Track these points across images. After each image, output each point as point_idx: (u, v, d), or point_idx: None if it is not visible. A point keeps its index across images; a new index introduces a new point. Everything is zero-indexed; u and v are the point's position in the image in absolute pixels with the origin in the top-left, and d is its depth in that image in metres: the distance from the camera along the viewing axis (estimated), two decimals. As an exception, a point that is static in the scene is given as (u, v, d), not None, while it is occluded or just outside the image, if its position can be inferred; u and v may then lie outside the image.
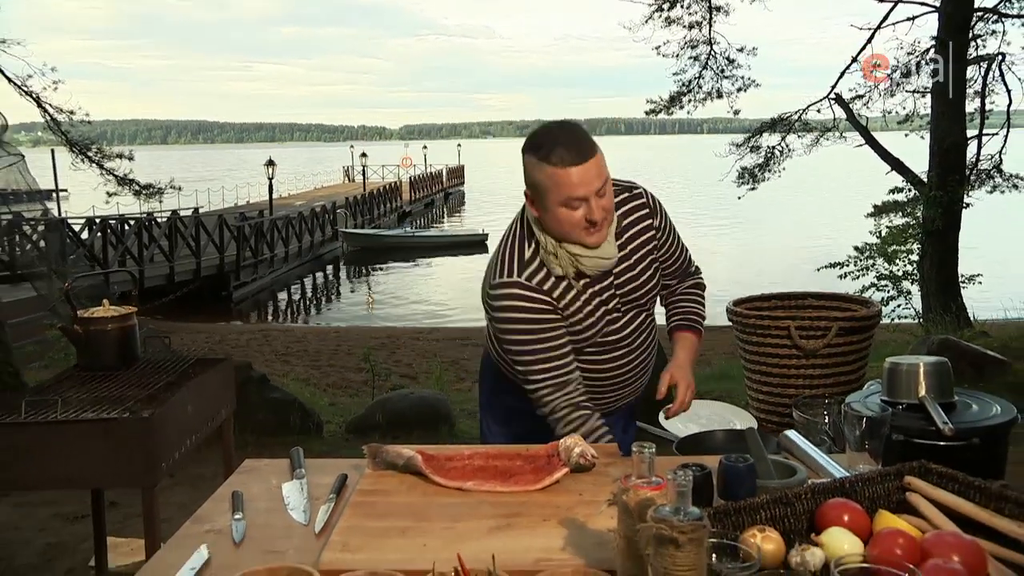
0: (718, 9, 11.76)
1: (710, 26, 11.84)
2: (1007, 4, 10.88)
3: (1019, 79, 10.90)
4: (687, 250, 2.31)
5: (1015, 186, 10.91)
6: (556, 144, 1.94)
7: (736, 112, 12.43)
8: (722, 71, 12.04)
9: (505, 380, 2.24)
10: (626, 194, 2.14)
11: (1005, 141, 10.86)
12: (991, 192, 10.94)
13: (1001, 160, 10.86)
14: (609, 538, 1.31)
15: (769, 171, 11.87)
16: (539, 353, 2.03)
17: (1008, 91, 10.93)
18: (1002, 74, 10.91)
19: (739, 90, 12.08)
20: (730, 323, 4.65)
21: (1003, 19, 10.90)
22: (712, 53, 11.97)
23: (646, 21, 11.83)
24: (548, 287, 2.04)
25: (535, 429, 2.05)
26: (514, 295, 2.02)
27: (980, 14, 10.42)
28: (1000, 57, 10.79)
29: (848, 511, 1.40)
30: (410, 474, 1.72)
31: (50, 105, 9.40)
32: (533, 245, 2.04)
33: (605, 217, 1.97)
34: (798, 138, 11.76)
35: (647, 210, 2.15)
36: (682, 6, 11.74)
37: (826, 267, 9.24)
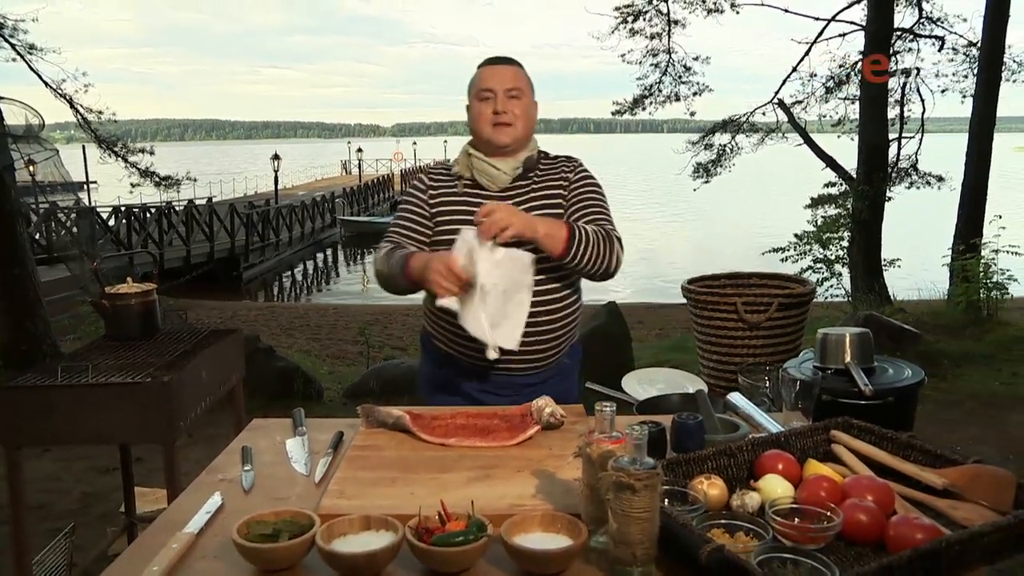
0: (676, 22, 11.78)
1: (669, 37, 11.86)
2: (921, 25, 11.02)
3: (931, 91, 11.12)
4: (607, 219, 2.02)
5: (928, 183, 11.08)
6: (488, 57, 2.10)
7: (692, 113, 12.47)
8: (680, 77, 12.07)
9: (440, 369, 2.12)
10: (563, 158, 2.12)
11: (920, 144, 11.04)
12: (909, 187, 11.10)
13: (917, 160, 11.05)
14: (575, 486, 1.32)
15: (721, 166, 11.93)
16: (394, 221, 2.08)
17: (922, 100, 11.15)
18: (917, 86, 11.09)
19: (695, 94, 12.14)
20: (685, 300, 4.68)
21: (918, 39, 11.07)
22: (671, 61, 11.99)
23: (612, 32, 11.83)
24: (436, 176, 2.10)
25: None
26: (413, 178, 2.20)
27: (899, 33, 10.52)
28: (916, 71, 10.95)
29: (782, 461, 1.42)
30: (399, 432, 1.72)
31: (81, 106, 9.32)
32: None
33: (513, 121, 1.99)
34: (746, 137, 11.83)
35: (569, 170, 2.07)
36: (644, 19, 11.72)
37: (769, 252, 9.29)
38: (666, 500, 1.27)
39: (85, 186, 20.08)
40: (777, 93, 11.37)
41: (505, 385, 2.02)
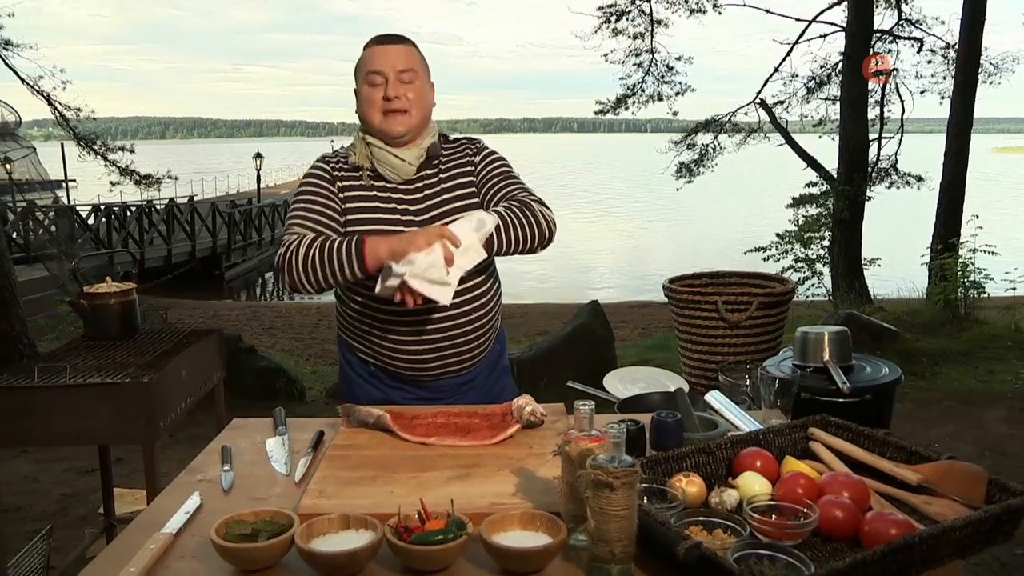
0: (659, 22, 11.82)
1: (652, 37, 11.91)
2: (900, 27, 11.15)
3: (910, 91, 11.25)
4: (521, 187, 1.91)
5: (908, 183, 11.21)
6: (375, 36, 1.89)
7: (675, 113, 12.54)
8: (662, 77, 12.13)
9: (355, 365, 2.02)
10: (464, 140, 2.00)
11: (900, 144, 11.16)
12: (889, 187, 11.22)
13: (897, 160, 11.18)
14: (554, 484, 1.32)
15: (703, 166, 12.00)
16: (299, 210, 1.86)
17: (902, 101, 11.28)
18: (897, 87, 11.21)
19: (677, 94, 12.20)
20: (666, 299, 4.70)
21: (897, 40, 11.20)
22: (654, 61, 12.04)
23: (595, 31, 11.87)
24: (336, 166, 1.91)
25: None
26: (310, 167, 1.95)
27: (879, 35, 10.64)
28: (895, 72, 11.06)
29: (760, 458, 1.44)
30: (379, 431, 1.72)
31: (59, 103, 9.23)
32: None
33: (407, 107, 1.82)
34: (728, 137, 11.91)
35: (473, 151, 1.96)
36: (627, 19, 11.76)
37: (751, 251, 9.36)
38: (645, 498, 1.28)
39: (64, 184, 19.89)
40: (759, 93, 11.47)
41: (442, 388, 1.96)
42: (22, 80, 8.68)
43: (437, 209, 1.88)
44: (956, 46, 9.33)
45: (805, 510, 1.23)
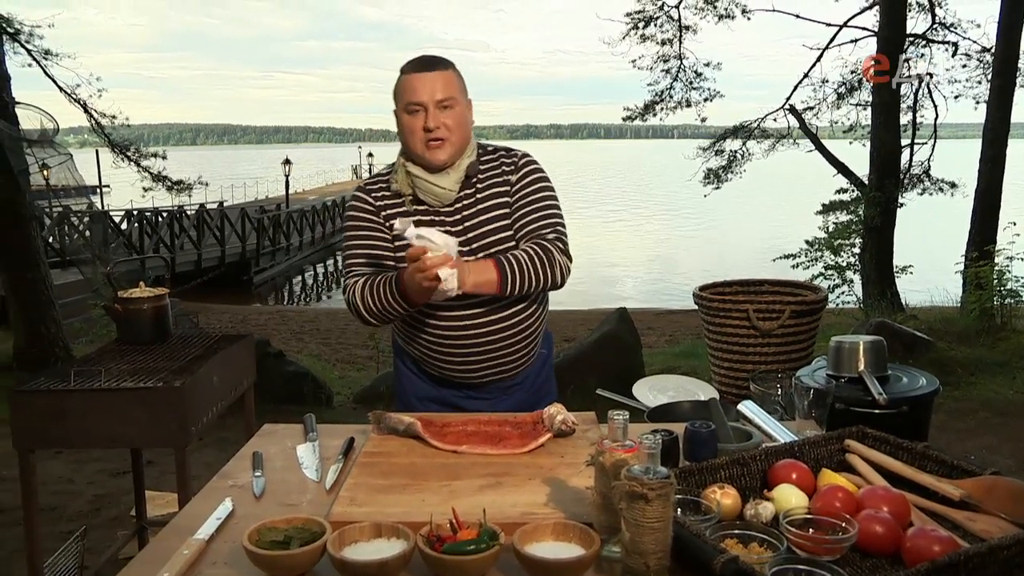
0: (687, 28, 11.76)
1: (680, 43, 11.84)
2: (934, 31, 10.98)
3: (944, 96, 11.08)
4: (551, 224, 1.93)
5: (941, 189, 11.03)
6: (412, 59, 1.91)
7: (703, 119, 12.46)
8: (691, 83, 12.05)
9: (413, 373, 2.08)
10: (501, 151, 2.00)
11: (933, 150, 10.99)
12: (921, 194, 11.05)
13: (929, 166, 11.00)
14: (587, 495, 1.31)
15: (732, 172, 11.90)
16: (352, 248, 1.94)
17: (935, 106, 11.10)
18: (930, 92, 11.07)
19: (706, 100, 12.11)
20: (696, 306, 4.67)
21: (930, 44, 11.03)
22: (682, 67, 11.97)
23: (623, 38, 11.82)
24: (379, 196, 1.95)
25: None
26: (352, 198, 2.01)
27: (911, 39, 10.48)
28: (928, 77, 10.91)
29: (796, 470, 1.41)
30: (410, 438, 1.71)
31: (95, 111, 9.39)
32: (392, 165, 1.98)
33: (447, 136, 1.85)
34: (757, 143, 11.80)
35: (510, 168, 1.96)
36: (655, 25, 11.72)
37: (781, 258, 9.26)
38: (679, 510, 1.26)
39: (98, 190, 20.24)
40: (788, 99, 11.34)
41: (490, 390, 2.02)
42: (60, 89, 8.87)
43: (474, 231, 1.91)
44: (992, 49, 9.16)
45: (844, 524, 1.21)
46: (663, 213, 35.75)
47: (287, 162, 27.87)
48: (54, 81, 8.72)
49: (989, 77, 9.38)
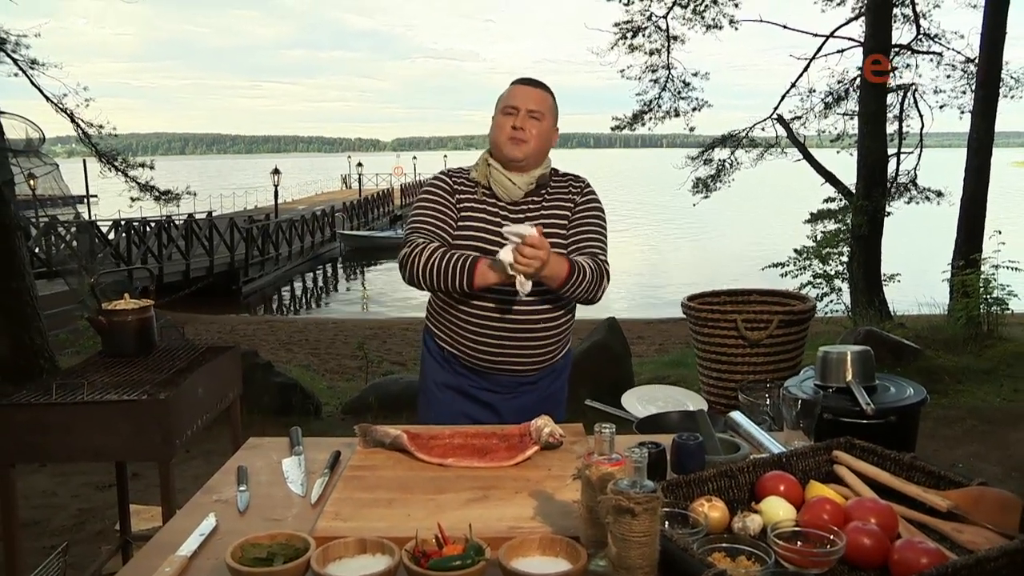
0: (675, 38, 11.82)
1: (668, 53, 11.90)
2: (919, 42, 11.09)
3: (929, 106, 11.18)
4: (601, 247, 2.14)
5: (927, 198, 11.12)
6: (523, 77, 2.20)
7: (691, 129, 12.51)
8: (679, 92, 12.11)
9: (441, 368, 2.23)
10: (572, 177, 2.22)
11: (919, 159, 11.08)
12: (908, 203, 11.13)
13: (916, 175, 11.09)
14: (574, 508, 1.30)
15: (720, 181, 11.96)
16: (422, 213, 2.12)
17: (920, 116, 11.22)
18: (915, 101, 11.16)
19: (694, 109, 12.17)
20: (684, 316, 4.67)
21: (915, 55, 11.14)
22: (670, 77, 12.03)
23: (612, 48, 11.87)
24: (458, 180, 2.17)
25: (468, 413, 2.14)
26: (434, 177, 2.22)
27: (897, 50, 10.58)
28: (914, 87, 11.01)
29: (784, 482, 1.41)
30: (396, 451, 1.70)
31: (82, 120, 9.35)
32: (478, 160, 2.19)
33: (528, 139, 2.07)
34: (745, 153, 11.86)
35: (577, 191, 2.18)
36: (643, 35, 11.78)
37: (769, 267, 9.29)
38: (666, 523, 1.26)
39: (85, 200, 20.12)
40: (776, 108, 11.43)
41: (504, 383, 2.15)
42: (47, 98, 8.82)
43: (536, 223, 2.03)
44: (976, 60, 9.25)
45: (831, 537, 1.20)
46: (652, 222, 35.86)
47: (276, 171, 27.79)
48: (40, 91, 8.68)
49: (973, 87, 9.48)
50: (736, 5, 11.45)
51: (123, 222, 18.21)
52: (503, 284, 1.94)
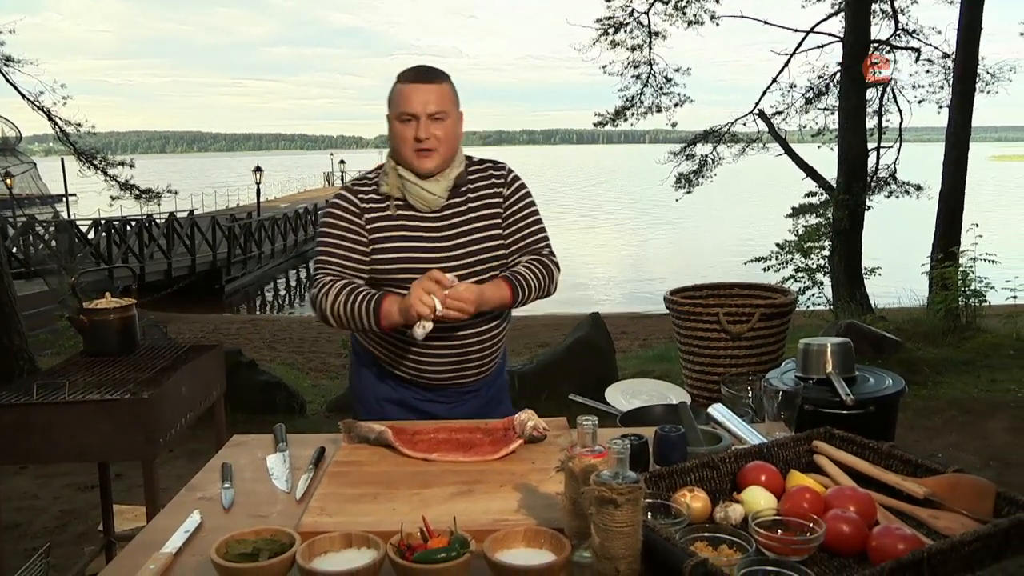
0: (657, 34, 11.87)
1: (650, 49, 11.95)
2: (897, 37, 11.20)
3: (908, 101, 11.30)
4: (544, 238, 2.06)
5: (907, 192, 11.23)
6: (410, 68, 1.94)
7: (674, 124, 12.56)
8: (661, 88, 12.15)
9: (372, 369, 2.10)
10: (488, 164, 2.05)
11: (898, 154, 11.19)
12: (888, 197, 11.24)
13: (896, 169, 11.20)
14: (557, 500, 1.31)
15: (703, 177, 12.02)
16: (328, 245, 1.92)
17: (900, 111, 11.33)
18: (895, 96, 11.25)
19: (676, 105, 12.22)
20: (667, 310, 4.70)
21: (894, 50, 11.24)
22: (652, 72, 12.07)
23: (594, 44, 11.90)
24: (366, 197, 1.95)
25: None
26: (337, 196, 1.99)
27: (876, 45, 10.68)
28: (893, 82, 11.10)
29: (765, 472, 1.43)
30: (381, 447, 1.71)
31: (60, 118, 9.25)
32: (380, 167, 2.00)
33: (436, 147, 1.88)
34: (727, 148, 11.93)
35: (500, 181, 2.02)
36: (625, 31, 11.81)
37: (751, 261, 9.36)
38: (649, 513, 1.27)
39: (64, 199, 19.91)
40: (757, 104, 11.50)
41: (449, 394, 2.06)
42: (23, 96, 8.72)
43: (463, 238, 1.95)
44: (953, 55, 9.35)
45: (811, 525, 1.22)
46: (635, 217, 35.98)
47: (258, 170, 27.61)
48: (16, 88, 8.58)
49: (951, 82, 9.58)
50: (717, 1, 11.52)
51: (103, 221, 18.02)
52: (408, 325, 1.79)
